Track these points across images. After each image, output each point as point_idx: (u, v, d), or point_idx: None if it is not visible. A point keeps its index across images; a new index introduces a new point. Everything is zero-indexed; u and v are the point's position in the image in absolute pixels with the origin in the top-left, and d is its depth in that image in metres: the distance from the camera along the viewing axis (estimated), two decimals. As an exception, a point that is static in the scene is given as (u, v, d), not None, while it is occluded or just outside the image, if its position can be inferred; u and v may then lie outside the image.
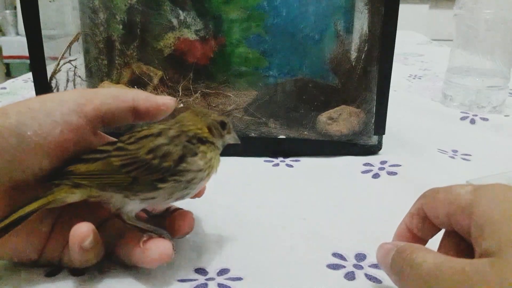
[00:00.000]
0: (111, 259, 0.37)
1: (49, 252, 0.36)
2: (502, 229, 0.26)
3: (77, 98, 0.35)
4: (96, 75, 0.61)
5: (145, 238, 0.34)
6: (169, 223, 0.38)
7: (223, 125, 0.38)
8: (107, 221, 0.38)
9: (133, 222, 0.35)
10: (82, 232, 0.32)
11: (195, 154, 0.34)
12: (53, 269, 0.36)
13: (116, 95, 0.36)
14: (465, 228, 0.29)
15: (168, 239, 0.35)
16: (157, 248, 0.34)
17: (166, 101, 0.37)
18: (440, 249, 0.34)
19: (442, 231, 0.34)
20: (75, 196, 0.34)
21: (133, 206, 0.34)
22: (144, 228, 0.35)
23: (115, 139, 0.38)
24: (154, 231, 0.35)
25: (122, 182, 0.33)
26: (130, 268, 0.36)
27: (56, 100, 0.34)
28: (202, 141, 0.36)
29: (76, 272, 0.36)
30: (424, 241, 0.35)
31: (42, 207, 0.33)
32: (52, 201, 0.33)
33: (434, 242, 0.34)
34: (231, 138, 0.39)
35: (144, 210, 0.39)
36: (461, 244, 0.31)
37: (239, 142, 0.40)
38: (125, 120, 0.37)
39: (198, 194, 0.40)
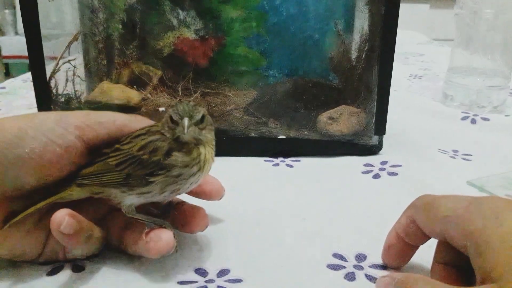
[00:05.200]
0: (119, 250, 0.38)
1: (51, 248, 0.36)
2: (501, 253, 0.26)
3: (80, 123, 0.35)
4: (95, 74, 0.61)
5: (147, 230, 0.36)
6: (179, 218, 0.38)
7: (171, 119, 0.35)
8: (110, 214, 0.39)
9: (133, 215, 0.36)
10: (57, 217, 0.32)
11: (179, 150, 0.35)
12: (54, 268, 0.36)
13: (120, 127, 0.37)
14: (460, 243, 0.29)
15: (169, 229, 0.36)
16: (159, 238, 0.35)
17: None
18: (436, 258, 0.34)
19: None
20: (79, 194, 0.36)
21: (131, 200, 0.36)
22: (144, 220, 0.36)
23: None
24: (155, 222, 0.36)
25: (117, 179, 0.35)
26: (131, 268, 0.37)
27: (57, 121, 0.35)
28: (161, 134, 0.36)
29: (77, 268, 0.36)
30: (415, 247, 0.35)
31: (50, 203, 0.35)
32: (60, 198, 0.36)
33: (432, 243, 0.34)
34: (180, 131, 0.35)
35: (153, 206, 0.40)
36: (457, 253, 0.31)
37: (184, 135, 0.35)
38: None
39: (212, 195, 0.41)
